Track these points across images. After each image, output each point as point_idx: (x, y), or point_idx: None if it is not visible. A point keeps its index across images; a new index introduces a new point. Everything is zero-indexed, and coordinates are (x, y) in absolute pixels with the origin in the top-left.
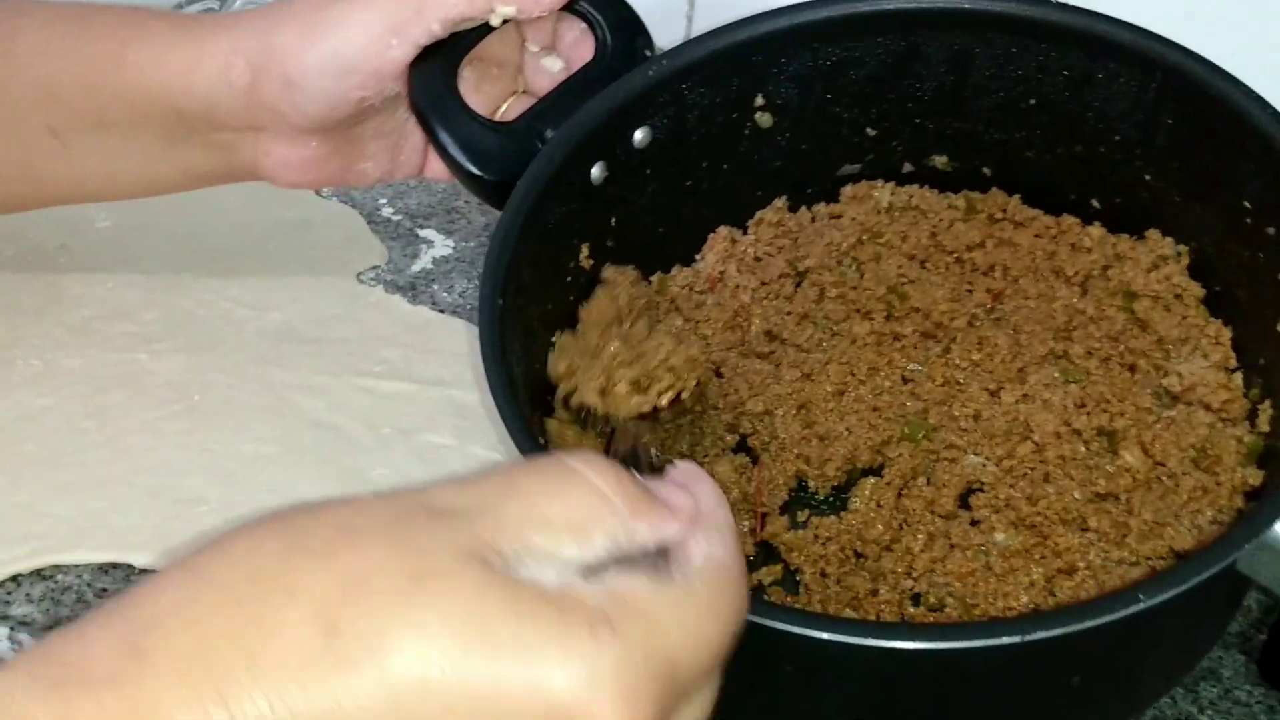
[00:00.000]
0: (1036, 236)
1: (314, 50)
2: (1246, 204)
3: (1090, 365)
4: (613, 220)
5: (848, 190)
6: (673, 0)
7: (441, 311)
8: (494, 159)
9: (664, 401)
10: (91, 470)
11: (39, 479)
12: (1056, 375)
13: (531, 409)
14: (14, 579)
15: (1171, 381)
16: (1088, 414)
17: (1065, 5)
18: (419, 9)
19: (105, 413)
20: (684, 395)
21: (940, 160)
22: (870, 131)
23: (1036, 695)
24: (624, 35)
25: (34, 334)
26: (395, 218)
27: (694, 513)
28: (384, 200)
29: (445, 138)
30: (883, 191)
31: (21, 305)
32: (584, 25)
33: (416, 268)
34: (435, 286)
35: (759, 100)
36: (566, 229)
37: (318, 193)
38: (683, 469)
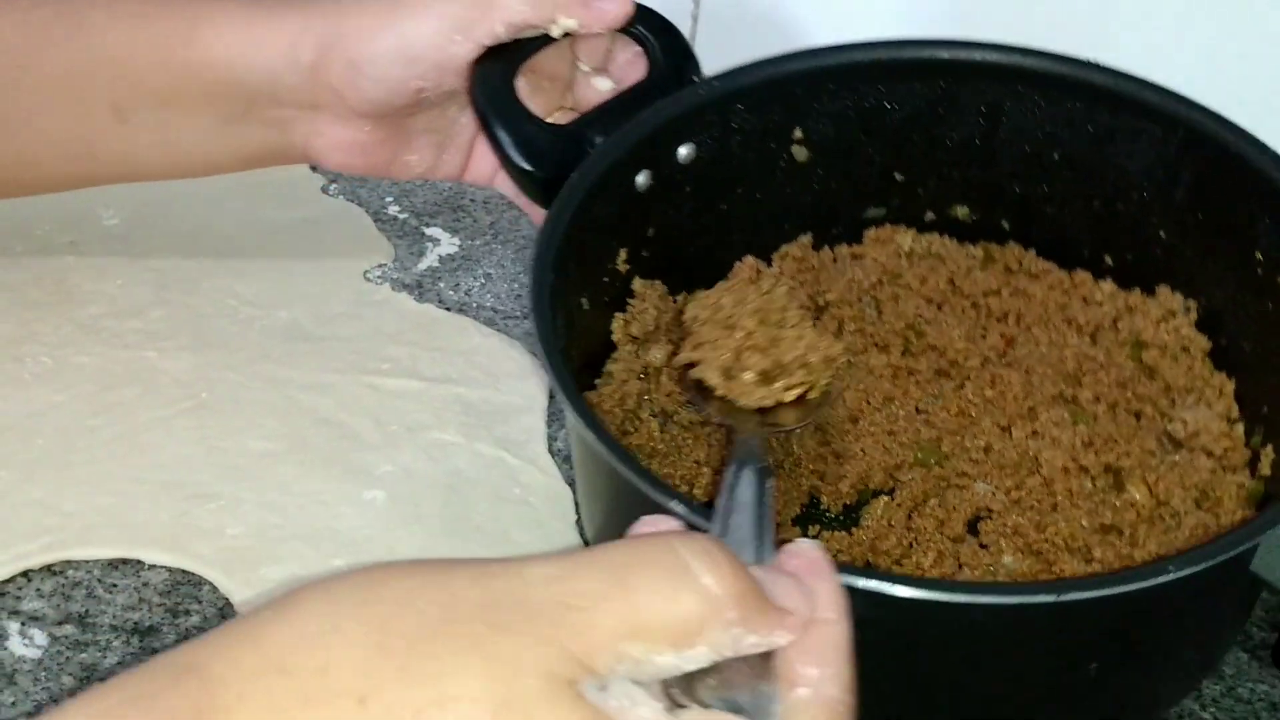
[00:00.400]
0: (1050, 288)
1: (383, 37)
2: (1259, 255)
3: (1098, 410)
4: (650, 231)
5: (871, 233)
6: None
7: (448, 309)
8: (545, 156)
9: (789, 398)
10: (102, 466)
11: (50, 475)
12: (1065, 415)
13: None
14: (25, 574)
15: (1176, 428)
16: (1095, 452)
17: (1095, 64)
18: (486, 10)
19: (115, 409)
20: (810, 395)
21: (961, 210)
22: (898, 176)
23: (1054, 681)
24: (674, 60)
25: (44, 330)
26: (401, 215)
27: (808, 619)
28: (390, 198)
29: (501, 132)
30: (905, 236)
31: (31, 301)
32: (636, 49)
33: (423, 265)
34: (442, 284)
35: (797, 133)
36: (608, 229)
37: (324, 191)
38: (803, 553)
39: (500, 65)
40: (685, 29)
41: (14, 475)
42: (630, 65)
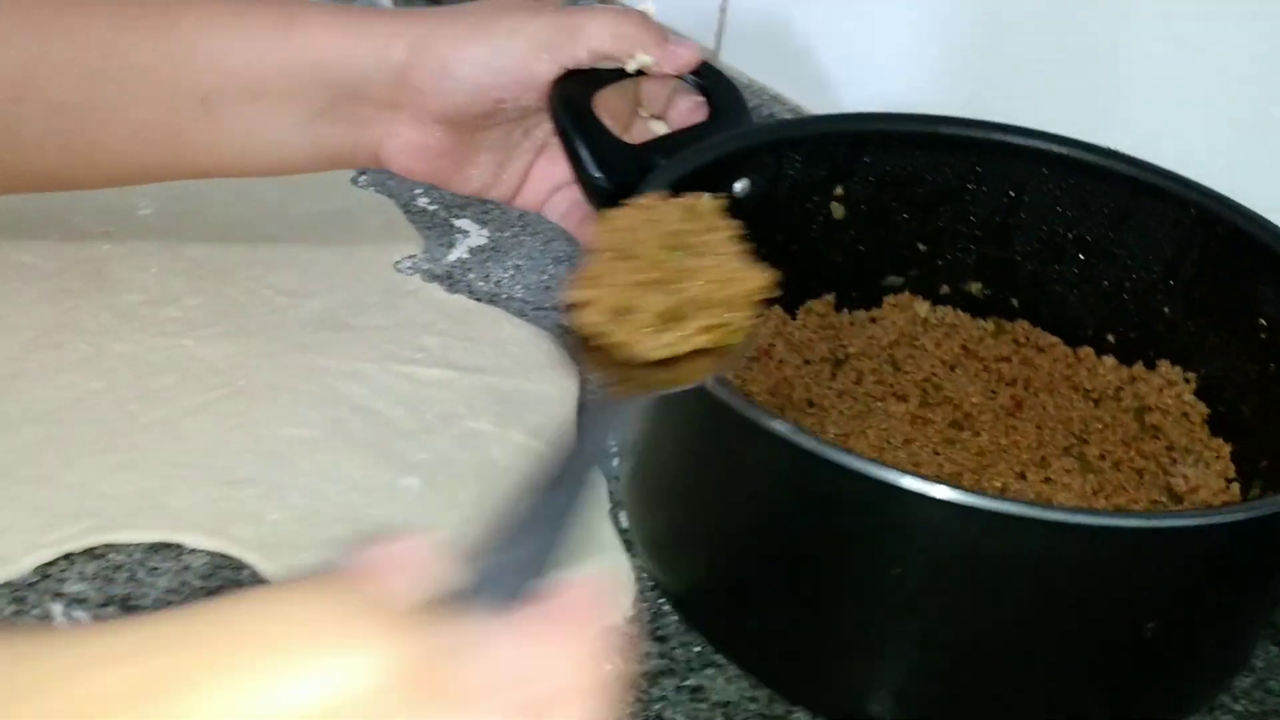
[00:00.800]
0: (1055, 360)
1: (476, 46)
2: (1263, 321)
3: (1104, 466)
4: None
5: (890, 299)
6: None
7: (478, 300)
8: (615, 168)
9: (694, 346)
10: (142, 452)
11: (91, 460)
12: (1075, 465)
13: None
14: (67, 557)
15: (1177, 482)
16: (1105, 498)
17: (1117, 153)
18: (572, 35)
19: (154, 396)
20: (726, 344)
21: (975, 286)
22: (921, 247)
23: (1108, 639)
24: (731, 112)
25: (83, 318)
26: (431, 207)
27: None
28: (419, 190)
29: (579, 141)
30: (921, 306)
31: (69, 289)
32: (695, 100)
33: (453, 257)
34: (471, 275)
35: (839, 190)
36: None
37: (354, 182)
38: (578, 589)
39: (579, 85)
40: (710, 37)
41: (55, 460)
42: (688, 114)
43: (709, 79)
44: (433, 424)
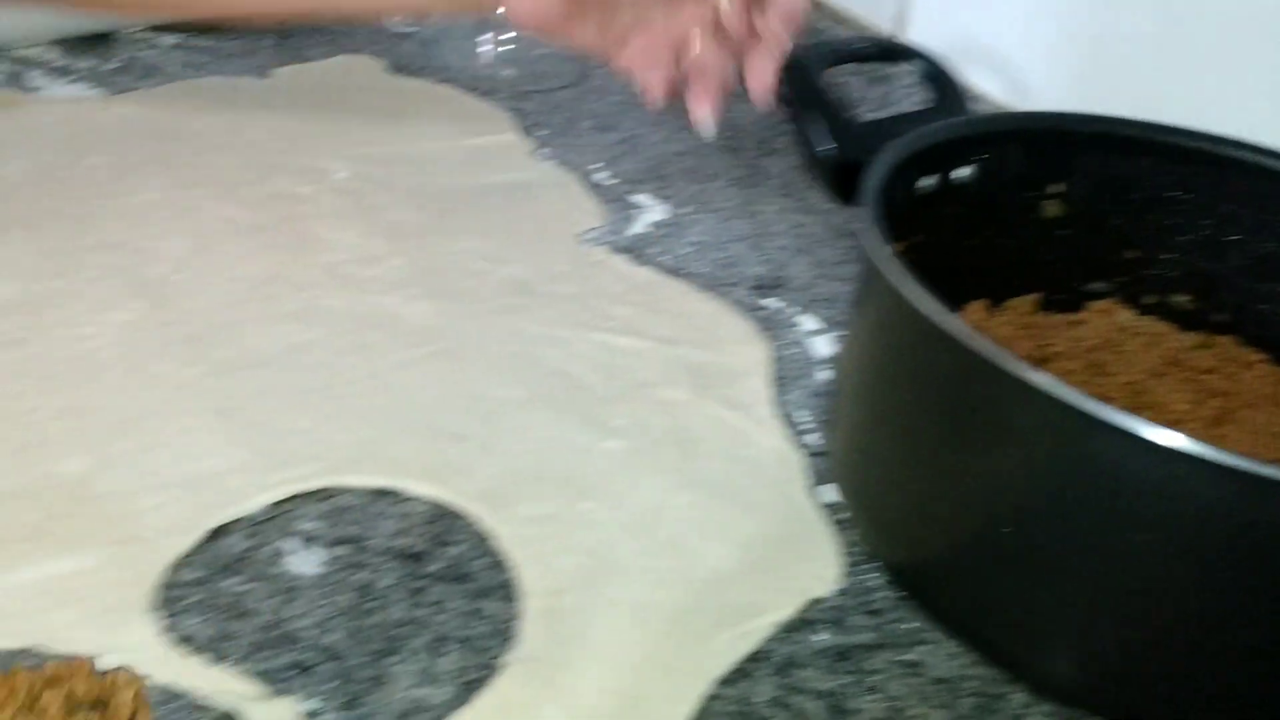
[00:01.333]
0: (1261, 377)
1: None
2: None
3: None
4: (918, 236)
5: (1093, 304)
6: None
7: (665, 273)
8: (844, 143)
9: None
10: (361, 401)
11: (311, 407)
12: None
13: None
14: (295, 498)
15: None
16: None
17: None
18: None
19: (364, 350)
20: None
21: (1182, 299)
22: (1128, 254)
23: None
24: (952, 101)
25: (293, 272)
26: (609, 182)
27: None
28: (597, 165)
29: (809, 113)
30: (1123, 313)
31: (277, 245)
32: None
33: (634, 231)
34: (653, 249)
35: (1055, 189)
36: (890, 218)
37: (534, 155)
38: None
39: (810, 58)
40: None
41: (280, 404)
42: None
43: (932, 66)
44: (629, 390)
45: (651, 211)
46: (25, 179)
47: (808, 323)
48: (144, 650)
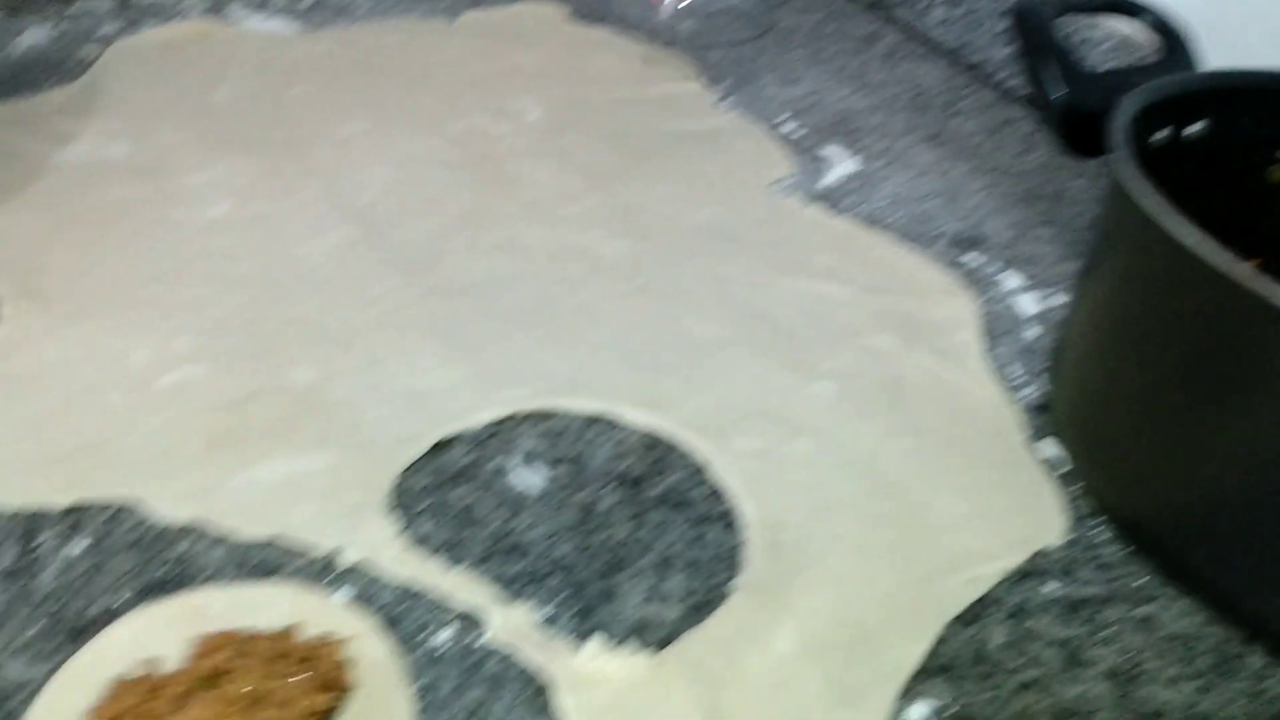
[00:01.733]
0: None
1: None
2: None
3: None
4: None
5: None
6: None
7: (862, 224)
8: (1078, 88)
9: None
10: (569, 331)
11: (522, 333)
12: None
13: None
14: (514, 417)
15: None
16: None
17: None
18: None
19: (570, 283)
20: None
21: None
22: None
23: None
24: (1182, 55)
25: (494, 208)
26: (797, 134)
27: None
28: (783, 117)
29: (1043, 59)
30: None
31: (477, 180)
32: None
33: (825, 183)
34: (848, 200)
35: None
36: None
37: (718, 106)
38: None
39: (1043, 6)
40: None
41: (493, 329)
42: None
43: (1161, 20)
44: (835, 335)
45: (842, 164)
46: (235, 105)
47: (1010, 280)
48: (384, 548)
